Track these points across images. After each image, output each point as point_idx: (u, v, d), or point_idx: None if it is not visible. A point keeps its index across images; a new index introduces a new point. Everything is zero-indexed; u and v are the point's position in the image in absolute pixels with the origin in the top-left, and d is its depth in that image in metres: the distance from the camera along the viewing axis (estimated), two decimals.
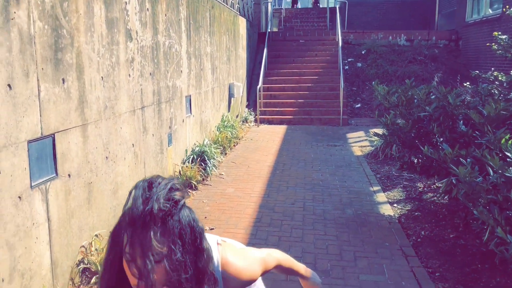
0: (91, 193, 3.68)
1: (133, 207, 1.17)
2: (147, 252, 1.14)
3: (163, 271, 1.16)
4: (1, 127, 2.60)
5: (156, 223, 1.16)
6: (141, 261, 1.14)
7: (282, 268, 1.70)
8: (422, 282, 3.62)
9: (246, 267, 1.46)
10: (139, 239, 1.15)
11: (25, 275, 2.85)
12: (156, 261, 1.14)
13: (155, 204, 1.16)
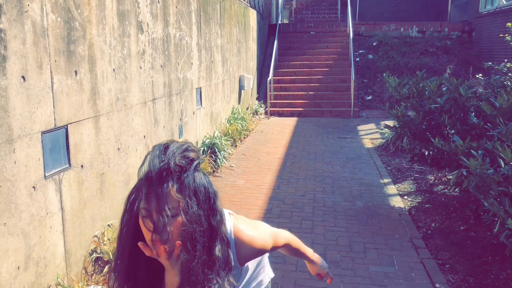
0: (103, 184, 3.73)
1: (150, 166, 1.21)
2: (163, 205, 1.17)
3: (178, 226, 1.20)
4: (16, 118, 2.65)
5: (173, 178, 1.20)
6: (156, 215, 1.18)
7: (290, 248, 1.72)
8: (432, 273, 3.63)
9: (258, 236, 1.49)
10: (156, 193, 1.18)
11: (40, 263, 2.91)
12: (171, 215, 1.19)
13: (171, 159, 1.21)
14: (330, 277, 1.90)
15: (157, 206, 1.18)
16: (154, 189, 1.19)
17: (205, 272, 1.25)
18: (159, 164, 1.20)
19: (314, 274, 1.89)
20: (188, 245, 1.21)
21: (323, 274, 1.89)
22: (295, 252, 1.77)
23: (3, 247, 2.56)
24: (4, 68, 2.54)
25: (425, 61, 12.31)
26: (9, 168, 2.59)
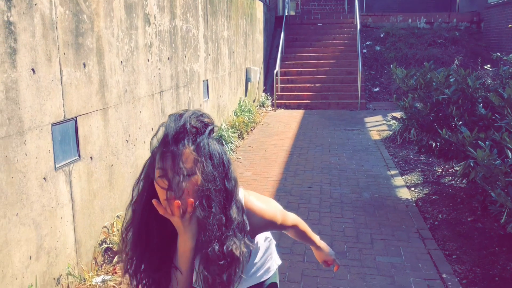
0: (112, 176, 3.77)
1: (166, 129, 1.26)
2: (178, 163, 1.21)
3: (193, 185, 1.23)
4: (26, 110, 2.68)
5: (188, 138, 1.25)
6: (171, 173, 1.21)
7: (297, 231, 1.74)
8: (439, 264, 3.64)
9: (268, 208, 1.51)
10: (171, 152, 1.22)
11: (51, 253, 2.95)
12: (187, 174, 1.22)
13: (187, 121, 1.26)
14: (337, 264, 1.92)
15: (172, 165, 1.21)
16: (170, 148, 1.22)
17: (222, 230, 1.28)
18: (175, 127, 1.24)
19: (321, 261, 1.92)
20: (204, 203, 1.24)
21: (330, 262, 1.91)
22: (302, 236, 1.79)
23: (15, 237, 2.61)
24: (14, 60, 2.57)
25: (433, 52, 12.23)
26: (20, 159, 2.63)
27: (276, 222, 1.54)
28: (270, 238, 1.75)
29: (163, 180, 1.22)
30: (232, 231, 1.30)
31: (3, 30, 2.48)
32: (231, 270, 1.31)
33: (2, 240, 2.50)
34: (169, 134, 1.24)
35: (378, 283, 3.35)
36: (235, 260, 1.31)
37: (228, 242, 1.29)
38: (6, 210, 2.53)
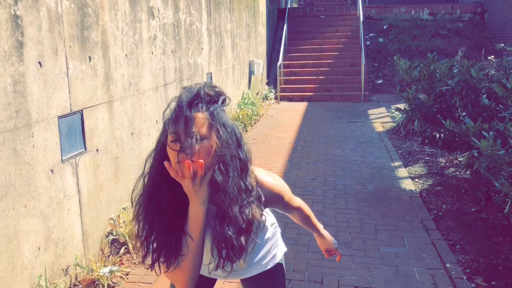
0: (118, 168, 3.80)
1: (181, 96, 1.30)
2: (191, 127, 1.25)
3: (205, 149, 1.27)
4: (34, 103, 2.71)
5: (202, 105, 1.30)
6: (184, 136, 1.24)
7: (302, 215, 1.77)
8: (443, 254, 3.66)
9: (275, 182, 1.55)
10: (185, 117, 1.26)
11: (59, 244, 2.99)
12: (200, 138, 1.26)
13: (201, 88, 1.31)
14: (339, 254, 1.94)
15: (185, 128, 1.25)
16: (183, 113, 1.26)
17: (242, 196, 1.32)
18: (189, 94, 1.29)
19: (324, 249, 1.94)
20: (221, 167, 1.28)
21: (333, 251, 1.93)
22: (306, 221, 1.82)
23: (24, 228, 2.64)
24: (21, 54, 2.60)
25: (437, 44, 12.19)
26: (28, 151, 2.67)
27: (283, 196, 1.57)
28: (276, 225, 1.78)
29: (176, 144, 1.25)
30: (251, 198, 1.35)
31: (10, 24, 2.51)
32: (248, 234, 1.35)
33: (12, 231, 2.54)
34: (183, 101, 1.28)
35: (383, 272, 3.38)
36: (252, 224, 1.36)
37: (248, 208, 1.33)
38: (15, 202, 2.56)
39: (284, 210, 1.72)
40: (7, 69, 2.49)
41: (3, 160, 2.46)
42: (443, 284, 3.23)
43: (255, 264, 1.67)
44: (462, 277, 3.33)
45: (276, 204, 1.58)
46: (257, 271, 1.69)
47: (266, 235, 1.68)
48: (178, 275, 1.35)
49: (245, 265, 1.61)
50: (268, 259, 1.70)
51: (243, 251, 1.35)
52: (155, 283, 3.25)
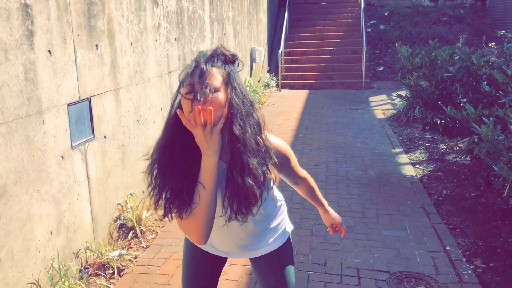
0: (125, 155, 3.88)
1: (197, 56, 1.42)
2: (206, 77, 1.35)
3: (218, 101, 1.36)
4: (44, 90, 2.77)
5: (218, 61, 1.42)
6: (198, 86, 1.34)
7: (307, 186, 1.87)
8: (443, 237, 3.75)
9: (284, 145, 1.66)
10: (201, 69, 1.36)
11: (70, 228, 3.08)
12: (214, 90, 1.36)
13: (218, 48, 1.43)
14: (344, 229, 2.01)
15: (199, 79, 1.34)
16: (199, 66, 1.36)
17: (259, 151, 1.43)
18: (206, 53, 1.41)
19: (329, 225, 2.00)
20: (239, 122, 1.39)
21: (338, 227, 2.00)
22: (311, 194, 1.90)
23: (37, 212, 2.72)
24: (32, 42, 2.65)
25: (438, 30, 12.19)
26: (39, 138, 2.74)
27: (290, 159, 1.68)
28: (284, 203, 1.85)
29: (190, 94, 1.34)
30: (267, 154, 1.46)
31: (21, 13, 2.56)
32: (262, 188, 1.45)
33: (26, 215, 2.62)
34: (200, 57, 1.39)
35: (384, 255, 3.48)
36: (266, 180, 1.47)
37: (263, 164, 1.45)
38: (28, 187, 2.64)
39: (291, 178, 1.81)
40: (19, 57, 2.55)
41: (16, 146, 2.53)
42: (443, 266, 3.32)
43: (265, 240, 1.73)
44: (461, 259, 3.42)
45: (284, 166, 1.65)
46: (267, 249, 1.76)
47: (276, 209, 1.76)
48: (192, 224, 1.40)
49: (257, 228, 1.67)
50: (277, 235, 1.77)
51: (256, 203, 1.45)
52: (163, 265, 3.35)
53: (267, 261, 1.78)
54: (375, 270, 3.27)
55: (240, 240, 1.70)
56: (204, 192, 1.38)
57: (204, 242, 1.44)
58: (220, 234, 1.68)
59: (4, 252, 2.45)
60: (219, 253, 1.76)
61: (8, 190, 2.48)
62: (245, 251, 1.73)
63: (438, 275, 3.20)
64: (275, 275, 1.77)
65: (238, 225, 1.59)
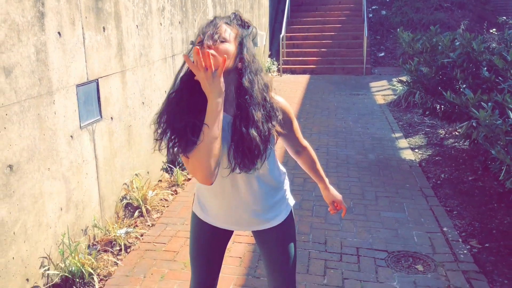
0: (130, 136, 3.96)
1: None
2: (218, 28, 1.53)
3: (224, 50, 1.52)
4: (54, 71, 2.84)
5: (233, 21, 1.59)
6: (209, 35, 1.51)
7: (309, 157, 1.96)
8: (440, 219, 3.86)
9: (288, 105, 1.78)
10: (214, 22, 1.54)
11: (79, 206, 3.17)
12: (221, 41, 1.52)
13: (234, 12, 1.61)
14: (345, 208, 2.08)
15: (210, 29, 1.51)
16: (214, 21, 1.54)
17: (265, 106, 1.57)
18: (223, 15, 1.58)
19: (329, 202, 2.07)
20: (249, 75, 1.54)
21: (338, 204, 2.06)
22: (313, 167, 1.99)
23: (48, 189, 2.82)
24: (42, 24, 2.72)
25: (439, 16, 12.18)
26: (50, 118, 2.81)
27: (292, 120, 1.80)
28: (286, 175, 1.93)
29: (200, 45, 1.50)
30: (272, 111, 1.60)
31: None
32: (266, 143, 1.58)
33: (38, 192, 2.71)
34: (218, 16, 1.57)
35: (383, 235, 3.58)
36: (271, 136, 1.60)
37: (268, 119, 1.58)
38: (40, 165, 2.73)
39: (293, 145, 1.90)
40: (30, 38, 2.62)
41: (28, 125, 2.61)
42: (439, 246, 3.43)
43: (271, 212, 1.81)
44: (458, 239, 3.53)
45: (286, 126, 1.74)
46: (272, 223, 1.83)
47: (281, 177, 1.85)
48: (198, 160, 1.49)
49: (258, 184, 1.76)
50: (282, 208, 1.85)
51: (259, 155, 1.57)
52: (169, 243, 3.45)
53: (272, 236, 1.85)
54: (374, 249, 3.38)
55: (247, 206, 1.76)
56: (208, 130, 1.48)
57: (211, 180, 1.51)
58: (228, 200, 1.75)
59: (18, 227, 2.55)
60: (226, 225, 1.84)
61: (21, 167, 2.56)
62: (252, 217, 1.79)
63: (435, 254, 3.31)
64: (278, 250, 1.85)
65: (244, 185, 1.70)
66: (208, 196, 1.81)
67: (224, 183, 1.69)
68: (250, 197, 1.75)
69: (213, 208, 1.82)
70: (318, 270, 3.11)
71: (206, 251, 1.90)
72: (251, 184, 1.72)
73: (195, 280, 1.94)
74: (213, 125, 1.48)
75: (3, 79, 2.40)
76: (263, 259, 1.93)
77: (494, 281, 3.02)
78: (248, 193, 1.74)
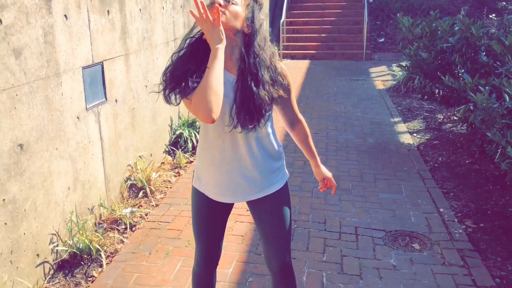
0: (134, 118, 4.03)
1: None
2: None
3: (232, 11, 1.70)
4: (61, 53, 2.91)
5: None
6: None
7: (302, 131, 2.04)
8: (437, 200, 3.96)
9: (289, 73, 1.90)
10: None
11: (85, 185, 3.26)
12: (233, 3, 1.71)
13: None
14: (335, 185, 2.13)
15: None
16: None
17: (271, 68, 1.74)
18: None
19: (320, 179, 2.13)
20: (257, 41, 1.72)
21: (329, 182, 2.12)
22: (306, 141, 2.06)
23: (56, 168, 2.90)
24: (50, 7, 2.77)
25: (439, 2, 12.17)
26: (57, 99, 2.89)
27: (291, 89, 1.92)
28: (282, 148, 2.01)
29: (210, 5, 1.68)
30: (277, 74, 1.76)
31: None
32: (270, 104, 1.73)
33: (46, 170, 2.79)
34: None
35: (381, 215, 3.68)
36: (274, 100, 1.76)
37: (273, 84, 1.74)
38: (48, 145, 2.81)
39: (288, 114, 1.99)
40: (38, 20, 2.67)
41: (37, 105, 2.69)
42: (436, 225, 3.53)
43: (268, 179, 1.89)
44: (453, 220, 3.63)
45: (285, 92, 1.83)
46: (269, 190, 1.90)
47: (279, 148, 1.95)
48: (199, 98, 1.59)
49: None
50: (279, 177, 1.93)
51: (263, 115, 1.70)
52: (173, 222, 3.55)
53: (266, 203, 1.92)
54: (372, 229, 3.48)
55: (246, 171, 1.84)
56: (209, 70, 1.61)
57: (212, 116, 1.59)
58: (227, 166, 1.83)
59: (28, 204, 2.64)
60: (223, 198, 1.90)
61: (31, 146, 2.64)
62: (249, 185, 1.86)
63: (431, 233, 3.42)
64: (272, 217, 1.93)
65: (244, 147, 1.80)
66: (209, 164, 1.87)
67: (224, 146, 1.80)
68: (249, 160, 1.83)
69: (211, 179, 1.89)
70: (318, 248, 3.22)
71: (207, 223, 1.98)
72: (251, 146, 1.81)
73: (199, 252, 2.04)
74: (214, 67, 1.60)
75: (13, 60, 2.47)
76: (258, 229, 2.00)
77: (488, 259, 3.12)
78: (248, 156, 1.82)
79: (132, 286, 2.79)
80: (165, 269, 2.95)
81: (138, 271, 2.93)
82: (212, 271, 2.08)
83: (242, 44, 1.74)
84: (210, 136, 1.83)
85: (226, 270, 2.93)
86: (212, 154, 1.85)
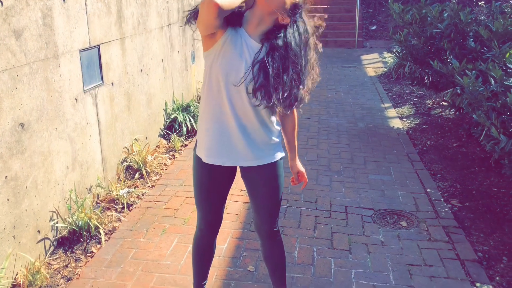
0: (130, 101, 4.11)
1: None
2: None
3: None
4: (60, 36, 2.98)
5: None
6: None
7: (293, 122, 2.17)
8: (424, 181, 4.09)
9: None
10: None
11: (83, 165, 3.35)
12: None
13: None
14: (306, 180, 2.24)
15: None
16: None
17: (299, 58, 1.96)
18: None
19: (294, 172, 2.23)
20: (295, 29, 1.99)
21: (301, 176, 2.22)
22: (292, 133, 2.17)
23: (56, 148, 2.98)
24: None
25: None
26: (56, 80, 2.96)
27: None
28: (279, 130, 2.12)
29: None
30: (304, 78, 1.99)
31: None
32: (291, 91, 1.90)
33: (46, 150, 2.88)
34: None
35: (370, 195, 3.81)
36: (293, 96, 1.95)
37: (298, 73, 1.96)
38: (48, 125, 2.89)
39: None
40: (37, 3, 2.74)
41: (37, 86, 2.76)
42: (423, 204, 3.66)
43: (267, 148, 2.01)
44: (440, 199, 3.77)
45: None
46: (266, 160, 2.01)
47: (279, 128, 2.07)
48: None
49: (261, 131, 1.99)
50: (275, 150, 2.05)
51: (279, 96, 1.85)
52: (169, 201, 3.65)
53: (259, 172, 2.03)
54: (361, 207, 3.61)
55: (245, 132, 1.95)
56: None
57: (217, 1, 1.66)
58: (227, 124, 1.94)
59: (29, 182, 2.72)
60: (220, 159, 2.00)
61: (32, 126, 2.72)
62: (247, 147, 1.96)
63: (418, 212, 3.55)
64: (263, 187, 2.05)
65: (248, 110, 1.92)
66: (209, 122, 1.97)
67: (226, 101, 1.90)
68: (249, 122, 1.94)
69: (210, 139, 1.98)
70: (309, 225, 3.34)
71: (208, 189, 2.09)
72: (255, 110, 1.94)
73: (200, 217, 2.16)
74: None
75: (14, 41, 2.54)
76: (249, 196, 2.13)
77: (471, 235, 3.27)
78: (247, 117, 1.94)
79: (130, 260, 2.90)
80: (162, 245, 3.06)
81: (136, 247, 3.04)
82: (213, 237, 2.22)
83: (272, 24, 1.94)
84: (214, 90, 1.92)
85: (221, 246, 3.05)
86: (214, 112, 1.94)
